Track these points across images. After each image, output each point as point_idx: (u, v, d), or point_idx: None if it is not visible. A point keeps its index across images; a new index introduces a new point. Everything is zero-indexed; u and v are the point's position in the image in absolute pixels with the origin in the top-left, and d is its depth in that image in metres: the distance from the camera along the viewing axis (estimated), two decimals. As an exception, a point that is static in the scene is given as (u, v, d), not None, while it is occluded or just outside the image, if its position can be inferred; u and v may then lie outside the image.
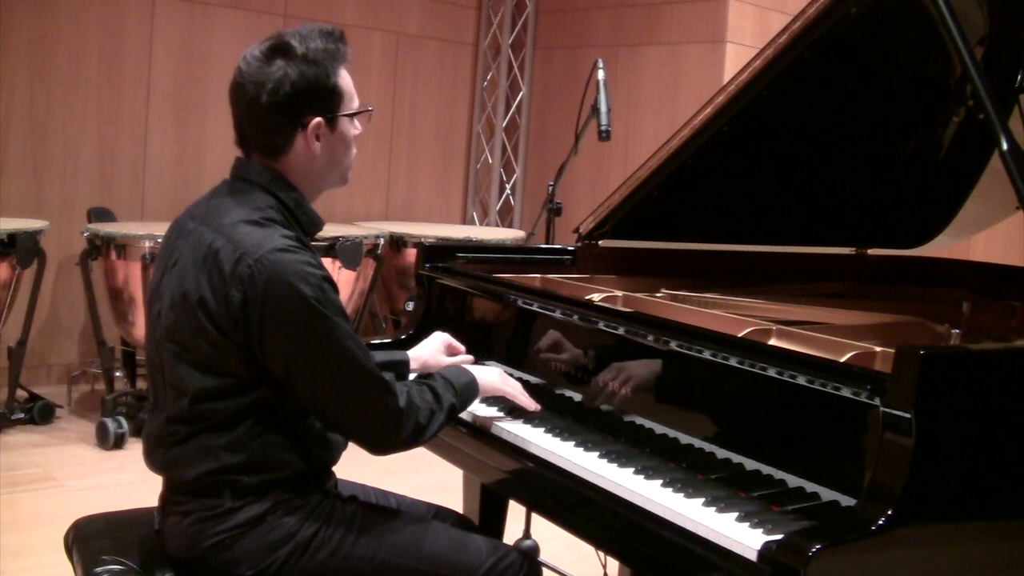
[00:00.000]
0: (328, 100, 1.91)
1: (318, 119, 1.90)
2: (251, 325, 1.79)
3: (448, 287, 2.65)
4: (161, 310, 1.90)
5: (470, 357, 2.35)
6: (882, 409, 1.56)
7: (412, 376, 2.30)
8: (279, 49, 1.88)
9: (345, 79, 1.94)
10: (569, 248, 2.86)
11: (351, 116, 1.96)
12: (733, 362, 1.83)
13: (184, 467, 1.87)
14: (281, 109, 1.87)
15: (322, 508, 1.91)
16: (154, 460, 1.94)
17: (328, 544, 1.89)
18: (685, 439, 1.93)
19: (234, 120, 1.94)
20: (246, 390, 1.84)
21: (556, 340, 2.29)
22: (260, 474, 1.86)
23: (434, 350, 2.33)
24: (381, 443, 1.93)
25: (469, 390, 2.08)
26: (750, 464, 1.80)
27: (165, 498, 1.96)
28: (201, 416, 1.85)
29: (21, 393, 4.92)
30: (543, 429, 2.09)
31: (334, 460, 2.00)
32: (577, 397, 2.19)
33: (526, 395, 2.19)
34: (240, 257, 1.79)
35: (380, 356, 2.20)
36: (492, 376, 2.16)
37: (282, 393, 1.85)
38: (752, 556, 1.53)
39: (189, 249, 1.88)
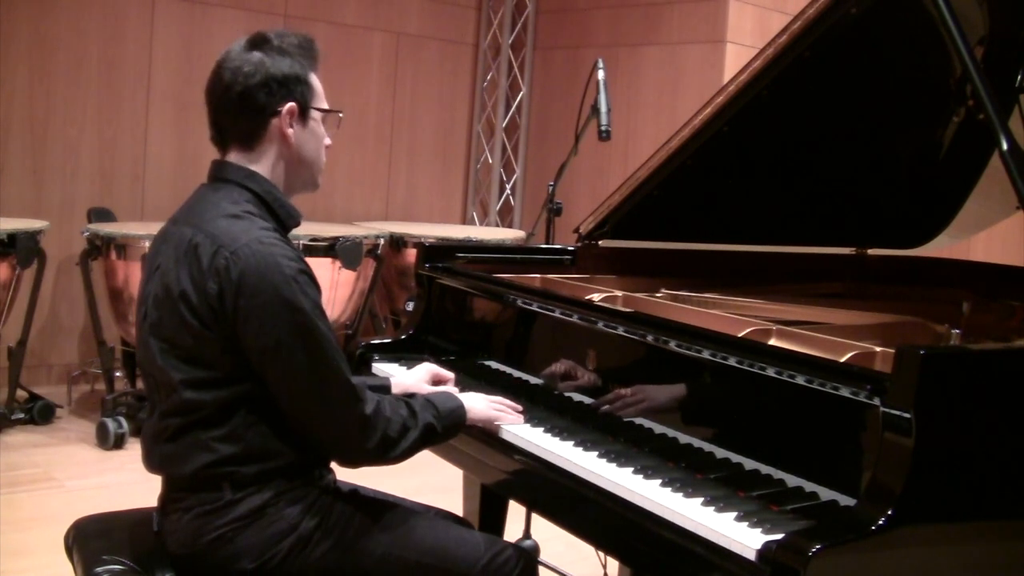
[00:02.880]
0: (301, 90, 1.96)
1: (291, 104, 1.94)
2: (227, 316, 1.82)
3: (448, 287, 2.65)
4: (147, 310, 1.93)
5: (455, 390, 2.29)
6: (882, 409, 1.56)
7: None
8: (256, 42, 1.96)
9: (316, 80, 2.00)
10: (569, 248, 2.86)
11: (321, 112, 2.01)
12: (733, 362, 1.83)
13: (181, 463, 1.88)
14: (253, 94, 1.92)
15: (323, 501, 1.93)
16: (152, 460, 1.96)
17: (330, 537, 1.90)
18: (684, 439, 1.93)
19: (210, 116, 1.99)
20: (231, 382, 1.86)
21: (551, 341, 2.29)
22: (258, 463, 1.87)
23: (418, 379, 2.31)
24: (346, 450, 1.93)
25: (454, 416, 2.06)
26: (749, 464, 1.80)
27: (164, 497, 1.97)
28: (190, 407, 1.86)
29: (21, 393, 4.92)
30: (543, 429, 2.09)
31: None
32: (577, 397, 2.19)
33: (513, 411, 2.16)
34: (217, 250, 1.83)
35: (359, 381, 2.16)
36: (479, 403, 2.13)
37: (266, 385, 1.87)
38: (751, 556, 1.53)
39: (171, 248, 1.91)
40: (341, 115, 2.08)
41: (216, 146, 2.01)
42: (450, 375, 2.34)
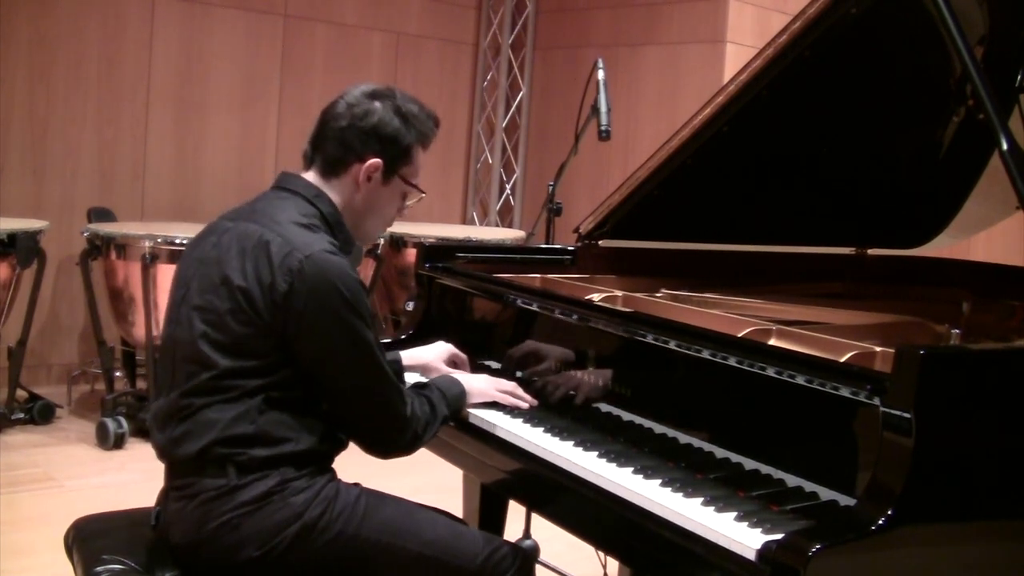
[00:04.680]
0: (397, 154, 2.07)
1: (377, 160, 2.05)
2: (291, 313, 1.89)
3: (448, 287, 2.65)
4: (188, 293, 1.99)
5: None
6: (882, 409, 1.56)
7: (408, 375, 2.35)
8: (382, 93, 2.08)
9: (418, 153, 2.11)
10: (569, 248, 2.86)
11: (406, 183, 2.10)
12: (733, 362, 1.83)
13: (190, 441, 1.92)
14: (355, 133, 2.04)
15: (327, 490, 1.95)
16: (160, 440, 1.99)
17: (334, 525, 1.93)
18: (684, 438, 1.93)
19: (313, 132, 2.10)
20: (267, 372, 1.92)
21: (551, 341, 2.29)
22: (266, 448, 1.90)
23: (437, 356, 2.40)
24: (383, 444, 2.03)
25: (459, 401, 2.18)
26: (749, 463, 1.80)
27: (167, 487, 1.99)
28: (217, 389, 1.91)
29: (21, 393, 4.92)
30: (542, 429, 2.09)
31: (339, 448, 2.05)
32: (577, 397, 2.19)
33: (520, 393, 2.25)
34: (291, 252, 1.91)
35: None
36: (480, 383, 2.24)
37: (298, 379, 1.93)
38: (751, 556, 1.53)
39: (232, 240, 1.97)
40: (423, 195, 2.17)
41: (303, 160, 2.11)
42: (464, 356, 2.42)
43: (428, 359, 2.38)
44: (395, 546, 1.96)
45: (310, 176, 2.08)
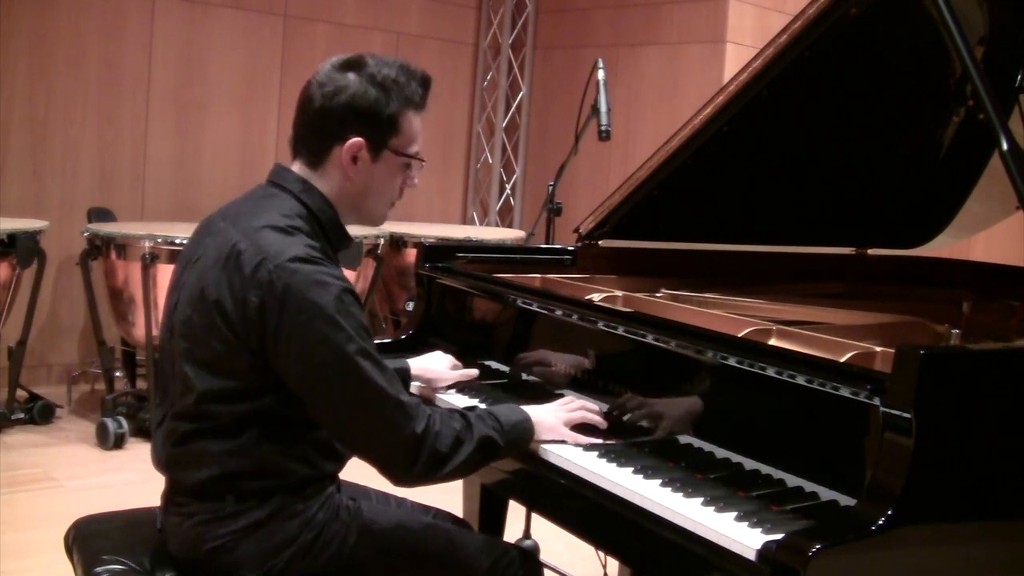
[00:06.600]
0: (378, 127, 1.88)
1: (358, 139, 1.87)
2: (266, 330, 1.77)
3: (448, 287, 2.65)
4: (178, 303, 1.89)
5: (474, 372, 2.34)
6: (882, 409, 1.56)
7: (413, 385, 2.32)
8: (354, 64, 1.90)
9: (409, 119, 1.91)
10: (569, 248, 2.86)
11: (400, 155, 1.92)
12: (733, 362, 1.83)
13: (186, 470, 1.87)
14: (329, 115, 1.87)
15: (325, 511, 1.90)
16: (159, 459, 1.94)
17: (330, 546, 1.89)
18: (684, 438, 1.93)
19: (293, 120, 1.95)
20: (252, 396, 1.81)
21: (553, 342, 2.29)
22: (263, 480, 1.85)
23: (444, 365, 2.33)
24: (393, 469, 1.83)
25: (518, 430, 1.95)
26: (749, 463, 1.80)
27: (168, 497, 1.96)
28: (204, 416, 1.83)
29: (21, 393, 4.92)
30: (543, 429, 2.09)
31: (339, 468, 1.99)
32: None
33: (591, 417, 2.04)
34: (261, 262, 1.77)
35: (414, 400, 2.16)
36: (549, 418, 2.00)
37: (289, 402, 1.82)
38: (751, 556, 1.53)
39: (214, 247, 1.85)
40: (424, 163, 1.98)
41: (290, 148, 1.96)
42: (457, 363, 2.36)
43: (437, 369, 2.31)
44: (394, 566, 1.93)
45: (297, 167, 1.92)
